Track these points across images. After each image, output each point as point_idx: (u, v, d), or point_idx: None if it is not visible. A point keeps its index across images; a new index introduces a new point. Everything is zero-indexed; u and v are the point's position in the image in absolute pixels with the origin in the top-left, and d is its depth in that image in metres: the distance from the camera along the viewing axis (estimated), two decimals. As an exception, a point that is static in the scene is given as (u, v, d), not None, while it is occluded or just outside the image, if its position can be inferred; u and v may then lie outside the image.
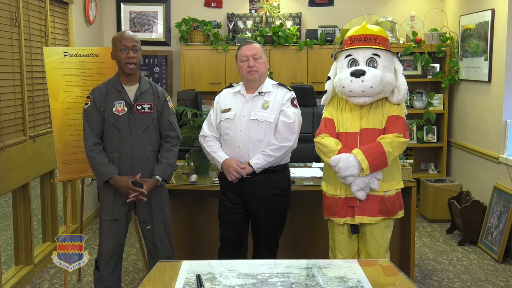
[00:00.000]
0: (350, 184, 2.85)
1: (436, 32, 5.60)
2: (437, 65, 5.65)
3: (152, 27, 5.91)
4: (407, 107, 5.62)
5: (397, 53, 2.99)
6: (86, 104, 3.08)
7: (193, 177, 3.57)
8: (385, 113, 2.90)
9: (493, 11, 4.67)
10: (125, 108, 3.07)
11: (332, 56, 3.12)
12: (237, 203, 3.09)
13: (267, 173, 3.02)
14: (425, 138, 5.73)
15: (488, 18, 4.72)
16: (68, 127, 3.46)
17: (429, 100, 5.64)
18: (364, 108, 2.92)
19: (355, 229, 2.94)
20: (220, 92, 3.24)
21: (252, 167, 2.97)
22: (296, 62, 5.57)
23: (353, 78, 2.83)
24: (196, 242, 3.72)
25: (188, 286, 1.98)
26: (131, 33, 3.18)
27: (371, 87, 2.81)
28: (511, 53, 4.46)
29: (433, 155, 5.88)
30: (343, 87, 2.87)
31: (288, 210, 3.16)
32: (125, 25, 5.89)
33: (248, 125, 3.03)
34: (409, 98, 5.44)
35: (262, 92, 3.08)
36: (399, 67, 2.98)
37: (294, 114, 3.02)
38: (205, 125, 3.19)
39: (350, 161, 2.79)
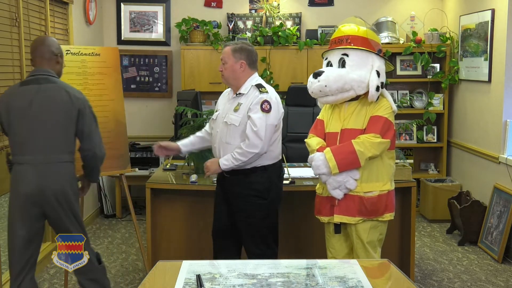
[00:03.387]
0: (324, 182, 2.90)
1: (436, 32, 5.60)
2: (437, 65, 5.65)
3: (152, 27, 5.90)
4: (407, 107, 5.66)
5: (379, 50, 2.94)
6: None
7: (193, 177, 3.57)
8: (368, 113, 2.89)
9: (493, 11, 4.67)
10: None
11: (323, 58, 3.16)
12: (223, 198, 3.20)
13: (243, 174, 3.06)
14: (425, 138, 5.73)
15: (488, 18, 4.72)
16: None
17: (429, 100, 5.64)
18: (350, 108, 2.94)
19: (337, 228, 2.95)
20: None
21: (219, 163, 3.04)
22: (296, 62, 5.56)
23: (313, 79, 2.95)
24: (196, 242, 3.72)
25: (188, 286, 1.98)
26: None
27: (325, 86, 2.88)
28: (511, 53, 4.46)
29: (433, 155, 5.88)
30: (308, 89, 3.00)
31: (271, 212, 3.14)
32: (125, 25, 5.89)
33: (221, 126, 3.11)
34: (409, 98, 5.46)
35: (239, 94, 3.11)
36: (377, 63, 2.91)
37: (259, 120, 2.98)
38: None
39: (320, 160, 2.85)
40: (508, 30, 4.44)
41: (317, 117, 3.13)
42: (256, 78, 3.16)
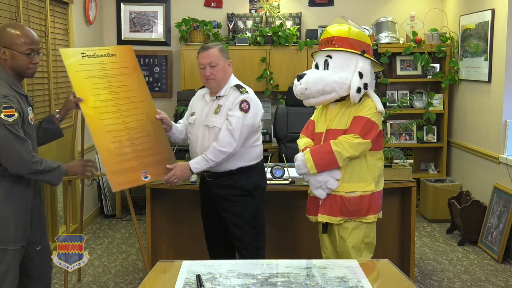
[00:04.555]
0: (307, 182, 2.95)
1: (436, 32, 5.60)
2: (437, 65, 5.65)
3: (152, 27, 5.91)
4: (407, 107, 5.65)
5: (363, 51, 2.90)
6: (10, 116, 2.46)
7: (193, 177, 3.57)
8: (352, 113, 2.89)
9: (493, 11, 4.67)
10: (33, 116, 2.69)
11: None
12: (209, 204, 3.16)
13: (229, 175, 3.04)
14: (425, 138, 5.73)
15: (488, 18, 4.72)
16: (106, 134, 2.97)
17: (429, 100, 5.64)
18: (336, 109, 2.95)
19: (324, 228, 2.96)
20: (196, 92, 3.27)
21: (191, 169, 2.97)
22: (296, 62, 5.56)
23: (296, 81, 2.97)
24: (196, 242, 3.72)
25: (188, 286, 1.98)
26: (34, 32, 2.70)
27: (306, 88, 2.89)
28: (511, 53, 4.46)
29: (433, 155, 5.88)
30: (294, 91, 3.02)
31: (258, 210, 3.13)
32: (125, 25, 5.89)
33: (203, 130, 3.04)
34: (409, 98, 5.46)
35: (219, 96, 3.05)
36: (361, 65, 2.89)
37: (236, 119, 2.94)
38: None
39: (300, 160, 2.90)
40: (508, 30, 4.44)
41: (310, 118, 3.16)
42: (233, 79, 3.12)
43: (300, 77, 2.94)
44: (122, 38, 5.89)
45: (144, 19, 5.91)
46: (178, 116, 4.56)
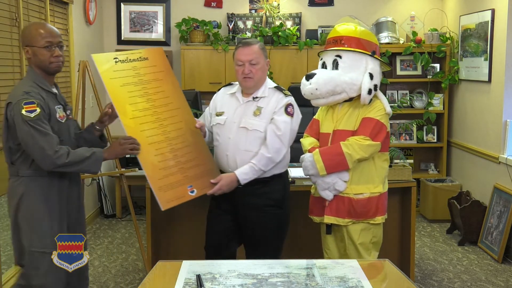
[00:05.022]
0: (314, 183, 2.91)
1: (436, 32, 5.60)
2: (437, 65, 5.65)
3: (152, 27, 5.91)
4: (407, 107, 5.65)
5: (373, 51, 2.90)
6: (31, 111, 2.44)
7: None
8: (360, 114, 2.87)
9: (493, 11, 4.67)
10: (65, 114, 2.66)
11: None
12: (227, 210, 2.92)
13: (261, 183, 2.82)
14: (425, 138, 5.73)
15: (488, 18, 4.72)
16: (149, 147, 2.71)
17: (429, 100, 5.64)
18: (343, 109, 2.92)
19: (328, 229, 2.94)
20: (218, 90, 3.07)
21: (239, 180, 2.76)
22: (296, 62, 5.57)
23: (305, 81, 2.92)
24: (196, 242, 3.71)
25: (188, 286, 1.98)
26: (52, 26, 2.69)
27: (316, 89, 2.85)
28: (511, 53, 4.46)
29: (433, 155, 5.88)
30: (301, 90, 2.97)
31: (286, 222, 2.98)
32: (125, 25, 5.89)
33: (237, 132, 2.82)
34: (409, 98, 5.45)
35: (256, 97, 2.86)
36: (370, 65, 2.87)
37: (284, 124, 2.78)
38: None
39: (309, 161, 2.85)
40: (508, 30, 4.44)
41: (314, 117, 3.13)
42: (268, 80, 2.95)
43: (309, 77, 2.89)
44: (122, 38, 5.89)
45: (144, 19, 5.91)
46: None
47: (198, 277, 2.03)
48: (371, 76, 2.85)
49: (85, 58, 4.16)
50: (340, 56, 2.88)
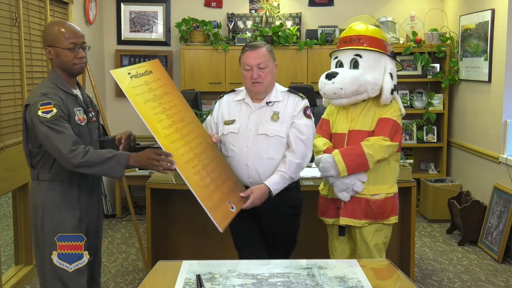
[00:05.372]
0: (331, 184, 2.85)
1: (436, 32, 5.60)
2: (437, 65, 5.65)
3: (152, 27, 5.91)
4: (406, 107, 5.65)
5: (391, 52, 2.93)
6: (47, 112, 2.36)
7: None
8: (376, 115, 2.86)
9: (493, 11, 4.67)
10: (85, 116, 2.56)
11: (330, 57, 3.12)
12: (247, 217, 2.73)
13: (280, 192, 2.68)
14: (425, 138, 5.73)
15: (488, 18, 4.72)
16: (186, 165, 2.50)
17: (429, 100, 5.64)
18: (357, 109, 2.90)
19: (341, 231, 2.93)
20: (220, 98, 2.88)
21: (271, 191, 2.62)
22: (296, 62, 5.57)
23: (326, 80, 2.85)
24: (196, 242, 3.72)
25: (188, 286, 1.98)
26: (76, 26, 2.61)
27: (341, 88, 2.80)
28: (511, 53, 4.46)
29: (433, 155, 5.88)
30: (320, 89, 2.92)
31: (299, 227, 2.92)
32: (125, 25, 5.89)
33: (256, 140, 2.68)
34: (409, 98, 5.45)
35: (270, 102, 2.74)
36: (390, 66, 2.89)
37: (307, 128, 2.70)
38: None
39: (328, 162, 2.79)
40: (508, 30, 4.44)
41: (322, 116, 3.07)
42: (277, 84, 2.83)
43: (331, 76, 2.82)
44: (122, 38, 5.89)
45: (144, 19, 5.91)
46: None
47: (198, 277, 2.03)
48: (391, 76, 2.86)
49: (85, 58, 4.17)
50: (360, 56, 2.85)
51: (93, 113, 2.66)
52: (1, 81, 3.55)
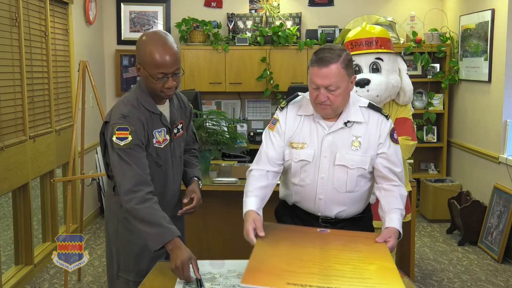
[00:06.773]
0: None
1: (436, 32, 5.61)
2: (437, 65, 5.65)
3: (152, 27, 5.90)
4: (407, 107, 5.59)
5: (401, 52, 2.94)
6: (122, 139, 2.16)
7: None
8: (392, 115, 2.84)
9: (493, 11, 4.67)
10: (167, 137, 2.31)
11: None
12: None
13: (350, 219, 2.30)
14: (425, 138, 5.73)
15: (488, 18, 4.72)
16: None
17: (429, 100, 5.64)
18: None
19: None
20: (283, 108, 2.27)
21: (400, 233, 2.23)
22: (296, 62, 5.57)
23: (358, 88, 2.76)
24: (196, 242, 3.72)
25: (188, 286, 1.98)
26: (173, 49, 2.17)
27: (377, 96, 2.75)
28: (511, 53, 4.46)
29: (433, 155, 5.89)
30: None
31: None
32: (125, 25, 5.89)
33: (332, 171, 2.18)
34: (409, 98, 5.46)
35: (349, 122, 2.17)
36: (403, 66, 2.90)
37: (397, 157, 2.21)
38: (257, 156, 2.28)
39: None
40: (508, 30, 4.44)
41: None
42: (353, 94, 2.22)
43: (365, 84, 2.74)
44: (122, 38, 5.90)
45: (144, 19, 5.91)
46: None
47: (198, 277, 2.03)
48: (407, 76, 2.87)
49: (85, 58, 4.17)
50: (382, 59, 2.81)
51: (180, 126, 2.40)
52: (1, 81, 3.54)
